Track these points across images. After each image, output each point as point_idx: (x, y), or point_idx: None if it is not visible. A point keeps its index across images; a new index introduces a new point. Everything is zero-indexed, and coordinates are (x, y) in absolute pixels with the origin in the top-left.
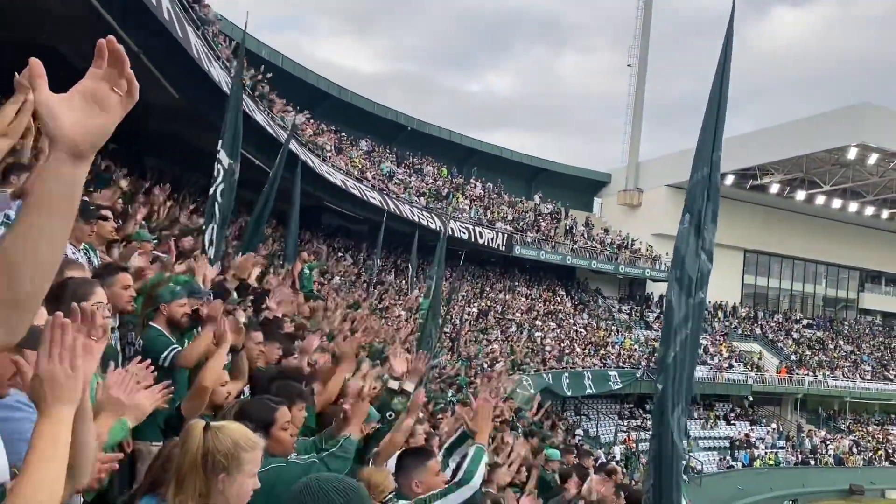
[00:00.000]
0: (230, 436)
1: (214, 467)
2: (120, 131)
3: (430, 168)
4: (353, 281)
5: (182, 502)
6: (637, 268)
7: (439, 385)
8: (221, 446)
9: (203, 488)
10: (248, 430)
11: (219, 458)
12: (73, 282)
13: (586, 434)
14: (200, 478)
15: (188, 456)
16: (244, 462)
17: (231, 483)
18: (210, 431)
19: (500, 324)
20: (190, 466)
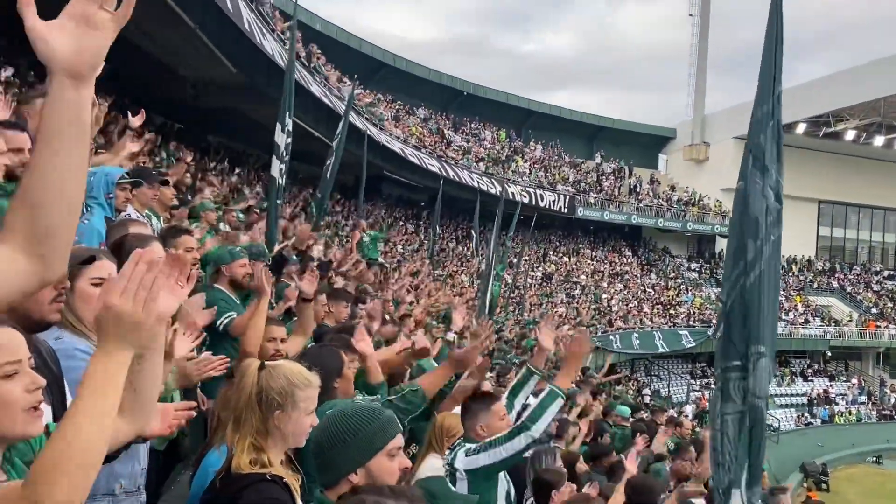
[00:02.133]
0: (284, 374)
1: (269, 404)
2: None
3: (488, 133)
4: (414, 249)
5: (241, 439)
6: (706, 224)
7: (501, 347)
8: (276, 384)
9: (260, 425)
10: (302, 368)
11: (273, 396)
12: (131, 237)
13: (656, 394)
14: (257, 415)
15: (244, 394)
16: (299, 399)
17: (287, 420)
18: (264, 370)
19: (565, 287)
20: (246, 404)
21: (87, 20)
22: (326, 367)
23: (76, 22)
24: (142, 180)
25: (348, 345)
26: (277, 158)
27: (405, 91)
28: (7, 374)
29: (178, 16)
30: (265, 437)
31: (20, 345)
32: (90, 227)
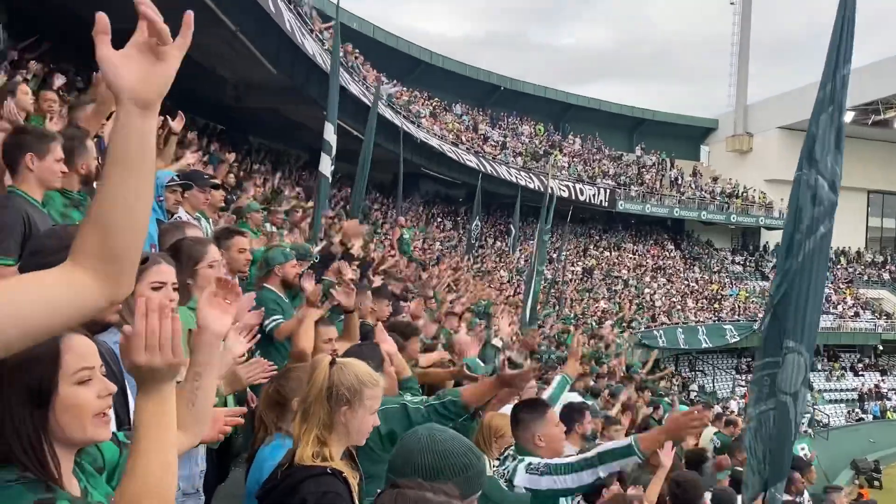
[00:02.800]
0: (354, 371)
1: (338, 400)
2: (225, 113)
3: (525, 127)
4: (453, 246)
5: (307, 432)
6: (750, 216)
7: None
8: (346, 380)
9: (326, 419)
10: (370, 368)
11: (342, 392)
12: (188, 241)
13: (702, 390)
14: (325, 409)
15: (314, 388)
16: (366, 397)
17: (353, 416)
18: (336, 366)
19: (606, 282)
20: (316, 398)
21: (152, 51)
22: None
23: (142, 52)
24: (192, 183)
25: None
26: (328, 156)
27: (442, 88)
28: (81, 381)
29: (218, 18)
30: (329, 431)
31: (93, 352)
32: None
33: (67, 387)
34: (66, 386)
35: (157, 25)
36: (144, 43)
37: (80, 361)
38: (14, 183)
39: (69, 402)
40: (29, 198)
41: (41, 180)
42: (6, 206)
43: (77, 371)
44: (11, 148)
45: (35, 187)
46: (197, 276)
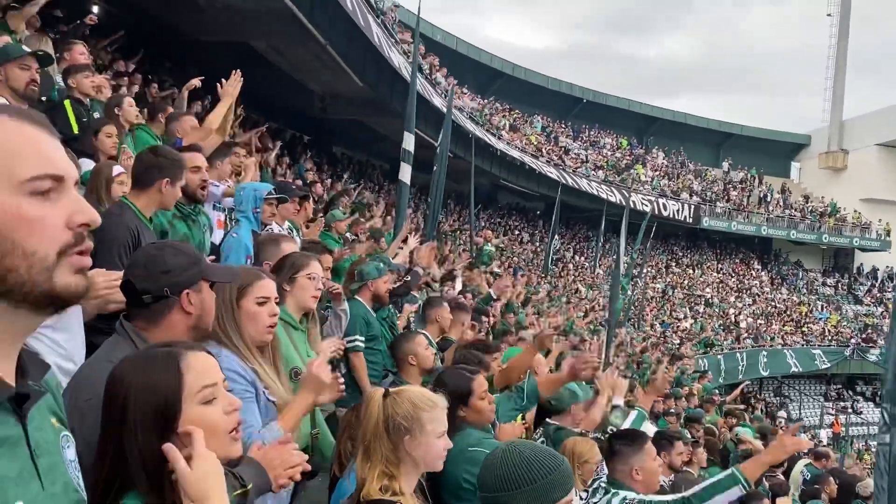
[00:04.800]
0: (408, 398)
1: (397, 431)
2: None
3: (608, 140)
4: (530, 259)
5: (371, 468)
6: (843, 237)
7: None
8: (401, 409)
9: (390, 454)
10: (426, 391)
11: (399, 421)
12: (296, 256)
13: (788, 417)
14: (385, 443)
15: (370, 423)
16: (425, 422)
17: (416, 444)
18: (389, 397)
19: (689, 300)
20: (373, 433)
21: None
22: (451, 392)
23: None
24: (287, 196)
25: (480, 362)
26: (407, 164)
27: (523, 100)
28: (206, 400)
29: (310, 33)
30: (396, 465)
31: (214, 367)
32: (238, 241)
33: (193, 407)
34: (191, 406)
35: None
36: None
37: (203, 379)
38: (130, 195)
39: (198, 424)
40: (139, 213)
41: (162, 203)
42: (118, 215)
43: (200, 390)
44: (149, 167)
45: (151, 206)
46: (295, 283)
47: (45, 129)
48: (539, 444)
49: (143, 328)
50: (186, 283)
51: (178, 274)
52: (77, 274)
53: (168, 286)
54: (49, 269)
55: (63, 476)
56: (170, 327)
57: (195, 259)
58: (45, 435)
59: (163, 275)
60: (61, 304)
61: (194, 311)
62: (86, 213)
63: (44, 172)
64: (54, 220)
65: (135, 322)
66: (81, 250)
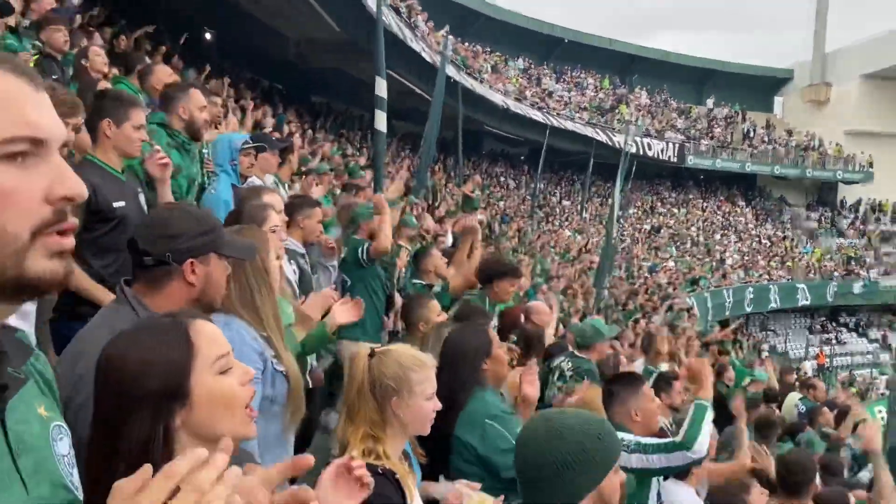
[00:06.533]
0: (396, 359)
1: (384, 392)
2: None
3: (590, 81)
4: (516, 205)
5: (355, 431)
6: (827, 170)
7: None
8: (388, 370)
9: (375, 415)
10: (415, 351)
11: (387, 383)
12: (251, 205)
13: (773, 350)
14: (370, 405)
15: (355, 384)
16: (414, 383)
17: (404, 406)
18: (375, 357)
19: (675, 240)
20: (358, 395)
21: None
22: (469, 348)
23: None
24: (265, 146)
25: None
26: (381, 111)
27: (503, 41)
28: (223, 369)
29: None
30: (382, 427)
31: (222, 336)
32: (217, 198)
33: (209, 378)
34: (206, 377)
35: None
36: None
37: (216, 348)
38: (93, 149)
39: (215, 394)
40: (105, 165)
41: (118, 148)
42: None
43: (216, 360)
44: (91, 114)
45: (112, 155)
46: None
47: (28, 79)
48: (579, 411)
49: (143, 293)
50: (191, 251)
51: (185, 241)
52: (54, 258)
53: (171, 252)
54: (20, 252)
55: (51, 475)
56: (170, 296)
57: (209, 228)
58: (30, 428)
59: (167, 239)
60: (34, 293)
61: (197, 282)
62: (68, 183)
63: (18, 134)
64: (29, 193)
65: (135, 286)
66: (62, 229)
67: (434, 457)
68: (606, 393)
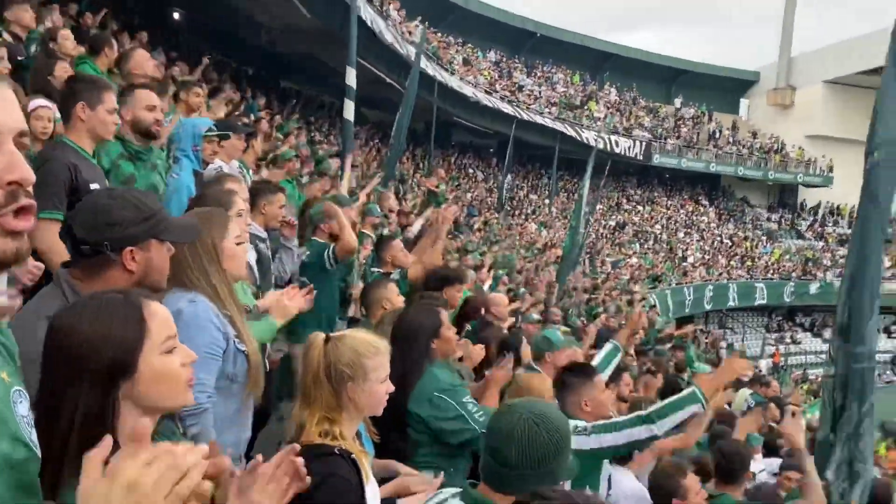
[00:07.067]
0: (351, 345)
1: (339, 377)
2: (257, 57)
3: (560, 76)
4: (483, 198)
5: (311, 415)
6: (788, 173)
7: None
8: (343, 356)
9: (331, 400)
10: (370, 336)
11: (342, 368)
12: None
13: (730, 348)
14: (326, 389)
15: (311, 369)
16: (369, 368)
17: (359, 391)
18: (330, 343)
19: (639, 237)
20: (314, 379)
21: None
22: (420, 328)
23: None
24: (230, 133)
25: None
26: (350, 100)
27: (476, 33)
28: (169, 350)
29: None
30: (338, 411)
31: (171, 319)
32: (179, 182)
33: (156, 357)
34: (153, 356)
35: None
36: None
37: (166, 329)
38: (66, 132)
39: (160, 373)
40: (78, 148)
41: (92, 131)
42: (50, 157)
43: (165, 340)
44: (65, 96)
45: (86, 139)
46: None
47: None
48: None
49: (79, 279)
50: (130, 240)
51: (124, 229)
52: (7, 237)
53: (109, 241)
54: None
55: (12, 432)
56: (108, 283)
57: (148, 214)
58: None
59: (106, 227)
60: None
61: (137, 270)
62: (16, 169)
63: None
64: None
65: (73, 271)
66: (17, 208)
67: (387, 432)
68: (560, 382)
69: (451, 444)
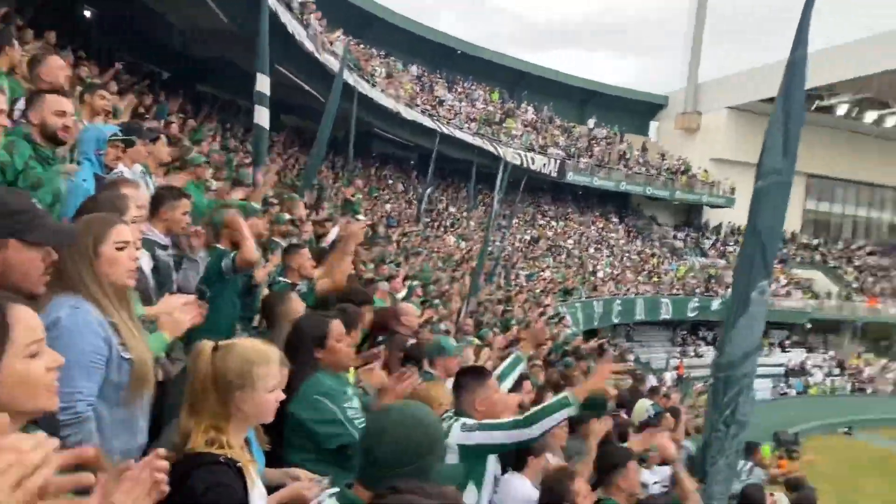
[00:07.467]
0: (240, 353)
1: (228, 387)
2: (171, 60)
3: (480, 93)
4: (402, 209)
5: (196, 424)
6: (694, 194)
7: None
8: (232, 365)
9: (218, 408)
10: (260, 345)
11: (230, 378)
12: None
13: (637, 360)
14: (213, 398)
15: (198, 378)
16: (257, 377)
17: (248, 400)
18: (219, 351)
19: (552, 251)
20: (202, 388)
21: None
22: (306, 336)
23: None
24: (134, 139)
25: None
26: (263, 107)
27: (398, 46)
28: (33, 354)
29: None
30: (225, 419)
31: (40, 324)
32: (78, 186)
33: (18, 361)
34: (15, 361)
35: None
36: None
37: (29, 334)
38: None
39: (21, 377)
40: None
41: None
42: None
43: (29, 344)
44: None
45: None
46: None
47: None
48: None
49: None
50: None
51: None
52: None
53: None
54: None
55: None
56: None
57: (6, 213)
58: None
59: None
60: None
61: None
62: None
63: None
64: None
65: None
66: None
67: (271, 437)
68: (455, 384)
69: (328, 448)
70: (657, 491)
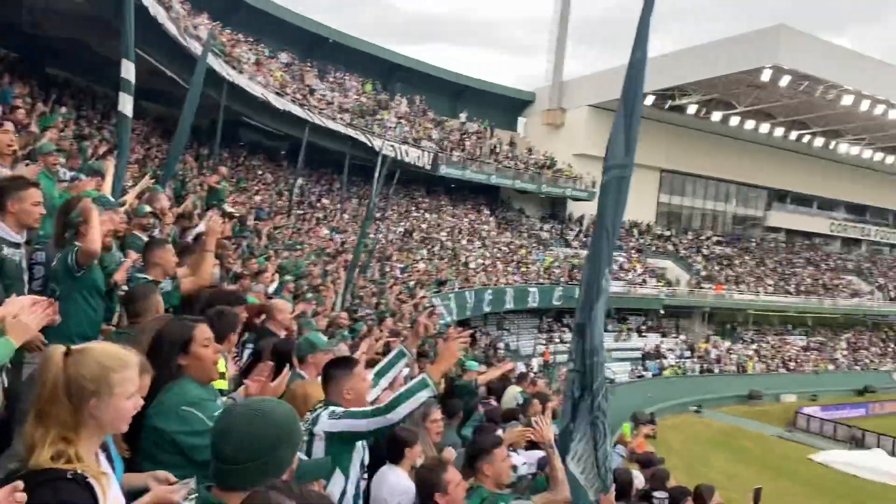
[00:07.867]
0: (96, 358)
1: (81, 394)
2: (19, 39)
3: (353, 83)
4: (273, 201)
5: (43, 436)
6: (559, 187)
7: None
8: (86, 370)
9: (69, 418)
10: (117, 349)
11: (84, 384)
12: None
13: (507, 347)
14: (64, 406)
15: (48, 385)
16: (114, 383)
17: (103, 407)
18: (71, 356)
19: (426, 243)
20: (51, 396)
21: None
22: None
23: None
24: None
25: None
26: (127, 94)
27: (266, 33)
28: None
29: None
30: (76, 429)
31: None
32: None
33: None
34: None
35: None
36: None
37: None
38: None
39: None
40: None
41: None
42: None
43: None
44: None
45: None
46: None
47: None
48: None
49: None
50: None
51: None
52: None
53: None
54: None
55: None
56: None
57: None
58: None
59: None
60: None
61: None
62: None
63: None
64: None
65: None
66: None
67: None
68: (324, 375)
69: (200, 461)
70: (525, 472)
